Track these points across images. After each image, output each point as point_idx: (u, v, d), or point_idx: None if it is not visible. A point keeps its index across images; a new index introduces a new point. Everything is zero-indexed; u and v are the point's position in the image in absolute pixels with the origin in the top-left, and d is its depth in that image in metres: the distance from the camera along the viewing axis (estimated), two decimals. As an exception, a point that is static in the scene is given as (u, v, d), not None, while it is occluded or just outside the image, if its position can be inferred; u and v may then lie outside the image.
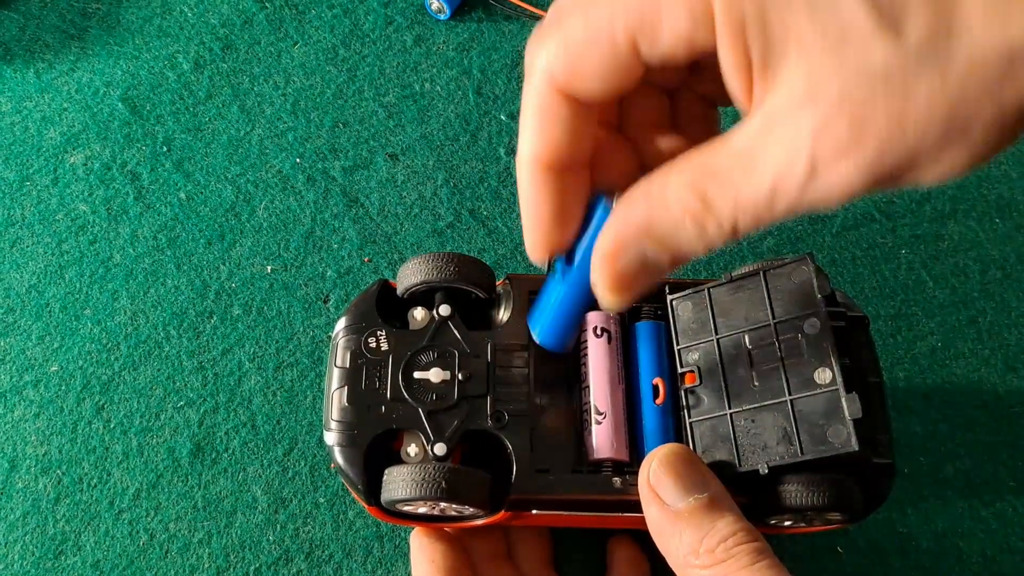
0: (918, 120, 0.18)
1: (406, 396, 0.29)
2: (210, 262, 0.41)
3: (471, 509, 0.28)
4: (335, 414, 0.29)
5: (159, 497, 0.36)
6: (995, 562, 0.35)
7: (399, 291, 0.31)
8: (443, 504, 0.28)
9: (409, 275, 0.31)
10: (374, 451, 0.29)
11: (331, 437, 0.29)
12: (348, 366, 0.30)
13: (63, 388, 0.38)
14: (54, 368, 0.39)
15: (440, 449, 0.28)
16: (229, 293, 0.40)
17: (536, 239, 0.24)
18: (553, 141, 0.22)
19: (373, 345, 0.30)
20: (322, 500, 0.36)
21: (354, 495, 0.29)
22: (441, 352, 0.30)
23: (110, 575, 0.35)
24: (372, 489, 0.28)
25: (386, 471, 0.28)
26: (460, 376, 0.29)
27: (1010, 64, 0.17)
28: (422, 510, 0.29)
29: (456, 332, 0.30)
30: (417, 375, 0.29)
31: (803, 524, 0.29)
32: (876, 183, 0.19)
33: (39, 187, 0.43)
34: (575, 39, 0.20)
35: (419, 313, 0.31)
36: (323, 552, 0.35)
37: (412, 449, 0.29)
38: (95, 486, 0.36)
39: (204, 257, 0.41)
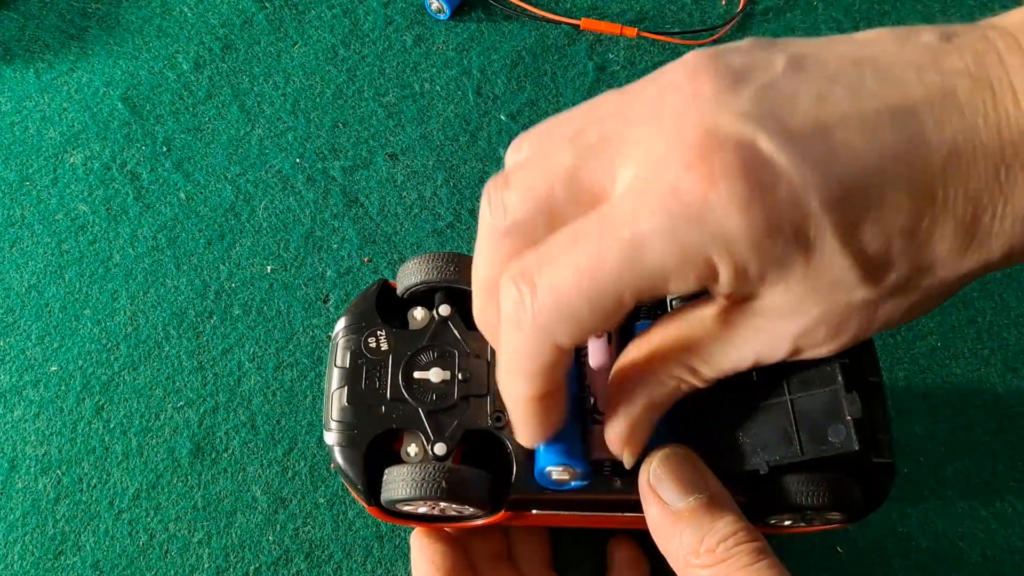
0: (884, 320, 0.21)
1: (406, 396, 0.29)
2: (210, 262, 0.41)
3: (471, 509, 0.28)
4: (335, 414, 0.29)
5: (159, 497, 0.36)
6: (995, 562, 0.35)
7: (399, 291, 0.31)
8: (443, 504, 0.28)
9: (409, 275, 0.31)
10: (374, 451, 0.29)
11: (331, 437, 0.29)
12: (348, 366, 0.29)
13: (63, 388, 0.38)
14: (54, 368, 0.39)
15: (440, 449, 0.28)
16: (229, 293, 0.40)
17: (536, 440, 0.26)
18: (552, 382, 0.24)
19: (373, 345, 0.30)
20: (322, 500, 0.36)
21: (354, 495, 0.30)
22: (441, 352, 0.30)
23: (110, 575, 0.35)
24: (372, 489, 0.28)
25: (386, 471, 0.28)
26: (460, 376, 0.29)
27: (963, 281, 0.21)
28: (422, 510, 0.29)
29: (456, 332, 0.30)
30: (417, 375, 0.29)
31: (803, 524, 0.29)
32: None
33: (39, 187, 0.43)
34: (579, 313, 0.21)
35: (419, 313, 0.31)
36: (323, 552, 0.35)
37: (412, 449, 0.29)
38: (95, 486, 0.36)
39: (204, 257, 0.41)
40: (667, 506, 0.26)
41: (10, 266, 0.41)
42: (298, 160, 0.44)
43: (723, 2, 0.48)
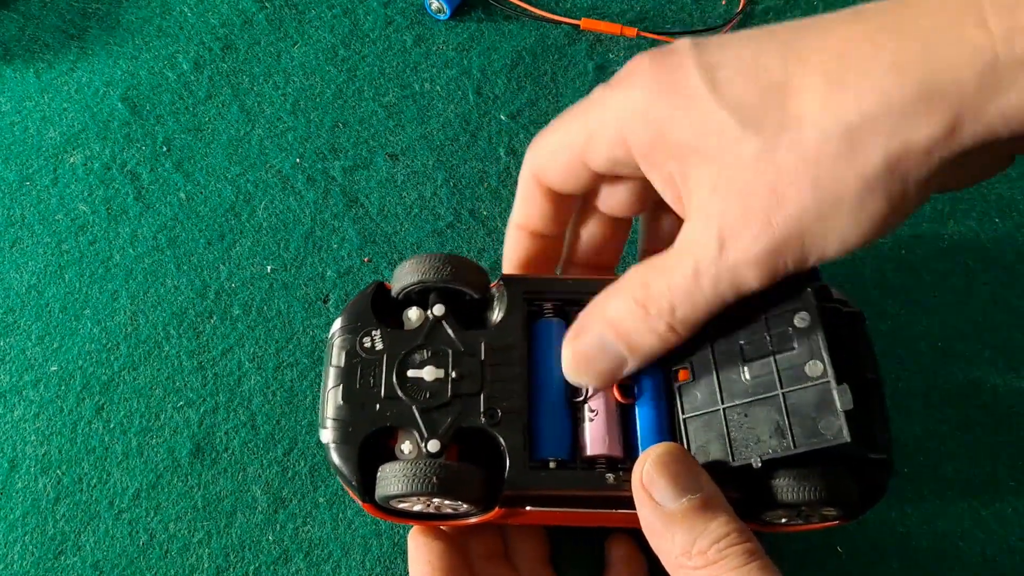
0: (789, 190, 0.22)
1: (400, 394, 0.29)
2: (210, 262, 0.41)
3: (465, 506, 0.29)
4: (330, 412, 0.29)
5: (159, 497, 0.36)
6: (995, 562, 0.35)
7: (394, 292, 0.32)
8: (437, 501, 0.28)
9: (404, 276, 0.31)
10: (369, 449, 0.29)
11: (326, 435, 0.29)
12: (343, 365, 0.30)
13: (63, 388, 0.38)
14: (54, 368, 0.39)
15: (434, 446, 0.28)
16: (229, 293, 0.40)
17: (510, 267, 0.34)
18: (528, 215, 0.32)
19: (368, 345, 0.30)
20: (321, 500, 0.36)
21: (350, 493, 0.30)
22: (435, 351, 0.30)
23: (110, 575, 0.35)
24: (367, 486, 0.29)
25: (380, 468, 0.28)
26: (454, 374, 0.29)
27: (850, 139, 0.21)
28: (417, 507, 0.29)
29: (450, 331, 0.30)
30: (411, 373, 0.29)
31: (799, 521, 0.29)
32: (777, 253, 0.23)
33: (39, 187, 0.43)
34: (547, 148, 0.29)
35: (413, 313, 0.31)
36: (322, 551, 0.35)
37: (406, 446, 0.29)
38: (95, 486, 0.36)
39: (204, 257, 0.41)
40: (660, 507, 0.26)
41: (10, 266, 0.41)
42: (298, 160, 0.44)
43: (723, 2, 0.48)
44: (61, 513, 0.36)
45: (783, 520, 0.29)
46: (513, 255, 0.33)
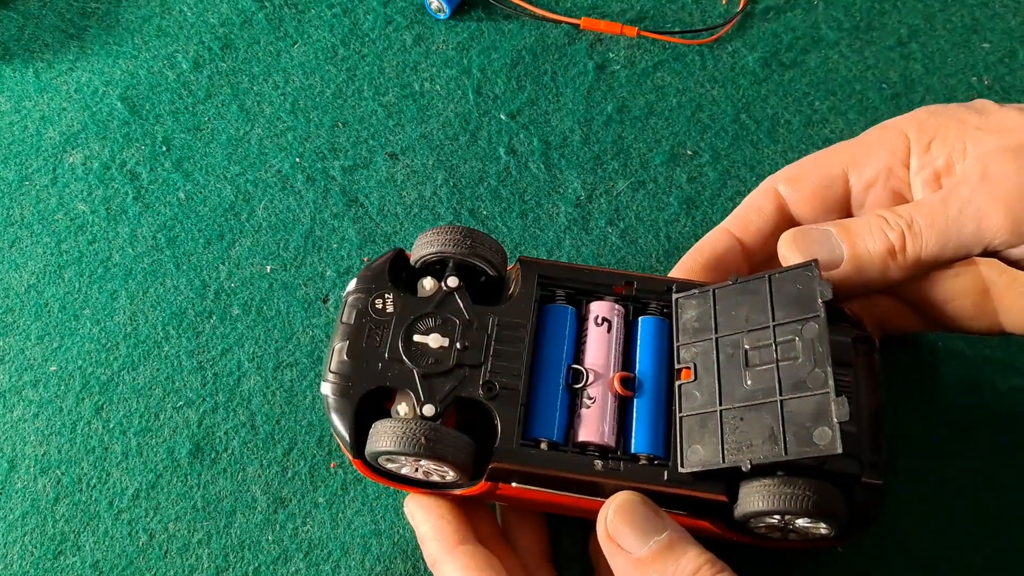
0: None
1: (403, 357, 0.30)
2: (209, 262, 0.41)
3: (452, 474, 0.29)
4: (333, 366, 0.30)
5: (158, 497, 0.36)
6: (995, 562, 0.35)
7: (412, 260, 0.32)
8: (424, 464, 0.28)
9: (424, 245, 0.32)
10: (367, 407, 0.30)
11: (326, 387, 0.30)
12: (352, 323, 0.31)
13: (62, 388, 0.38)
14: (53, 368, 0.39)
15: (428, 410, 0.29)
16: (228, 293, 0.40)
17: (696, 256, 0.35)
18: (747, 223, 0.36)
19: (379, 306, 0.31)
20: (321, 500, 0.36)
21: (342, 448, 0.30)
22: (444, 320, 0.31)
23: (109, 575, 0.35)
24: (359, 443, 0.29)
25: (373, 424, 0.29)
26: (459, 345, 0.30)
27: None
28: (405, 470, 0.29)
29: (461, 304, 0.31)
30: (417, 338, 0.30)
31: (782, 536, 0.29)
32: None
33: (38, 187, 0.43)
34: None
35: (428, 282, 0.32)
36: (322, 551, 0.35)
37: (402, 408, 0.29)
38: (94, 486, 0.36)
39: (203, 257, 0.41)
40: (630, 555, 0.27)
41: (9, 266, 0.41)
42: (298, 160, 0.43)
43: (723, 1, 0.48)
44: (60, 513, 0.36)
45: (766, 531, 0.29)
46: (707, 247, 0.35)
